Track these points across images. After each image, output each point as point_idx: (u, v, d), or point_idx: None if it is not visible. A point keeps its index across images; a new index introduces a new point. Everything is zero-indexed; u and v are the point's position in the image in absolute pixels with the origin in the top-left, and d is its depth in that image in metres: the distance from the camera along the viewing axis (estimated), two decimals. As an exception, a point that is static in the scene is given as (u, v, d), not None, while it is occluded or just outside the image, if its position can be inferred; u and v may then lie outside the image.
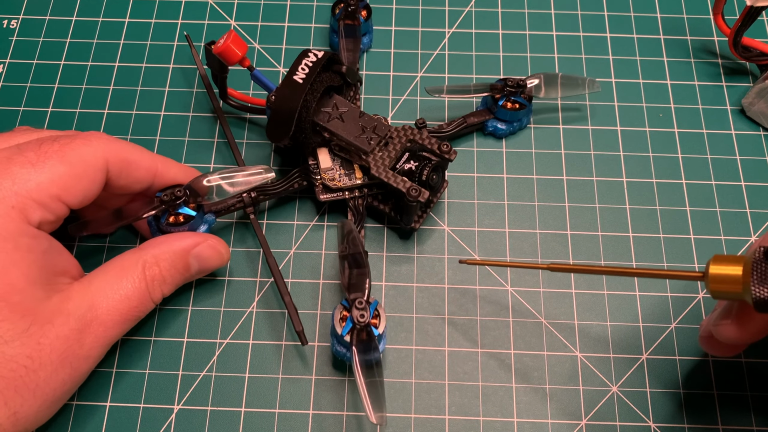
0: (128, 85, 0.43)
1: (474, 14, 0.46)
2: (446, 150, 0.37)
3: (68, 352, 0.30)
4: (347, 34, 0.42)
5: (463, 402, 0.35)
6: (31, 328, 0.29)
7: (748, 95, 0.42)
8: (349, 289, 0.34)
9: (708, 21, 0.46)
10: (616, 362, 0.36)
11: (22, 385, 0.28)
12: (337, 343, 0.34)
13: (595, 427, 0.35)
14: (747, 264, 0.26)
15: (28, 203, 0.30)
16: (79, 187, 0.31)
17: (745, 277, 0.26)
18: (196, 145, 0.41)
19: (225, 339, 0.37)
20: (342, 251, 0.35)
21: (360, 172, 0.38)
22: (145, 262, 0.33)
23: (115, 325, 0.31)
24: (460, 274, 0.38)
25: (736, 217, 0.40)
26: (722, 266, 0.27)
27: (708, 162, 0.41)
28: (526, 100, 0.40)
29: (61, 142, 0.31)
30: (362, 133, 0.37)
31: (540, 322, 0.37)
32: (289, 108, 0.35)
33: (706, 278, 0.27)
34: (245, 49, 0.37)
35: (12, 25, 0.46)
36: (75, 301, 0.30)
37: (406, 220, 0.38)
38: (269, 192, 0.38)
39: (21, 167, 0.30)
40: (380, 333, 0.33)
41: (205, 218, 0.37)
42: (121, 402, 0.35)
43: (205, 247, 0.35)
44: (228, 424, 0.35)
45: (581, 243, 0.39)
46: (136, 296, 0.32)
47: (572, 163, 0.41)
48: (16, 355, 0.28)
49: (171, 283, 0.34)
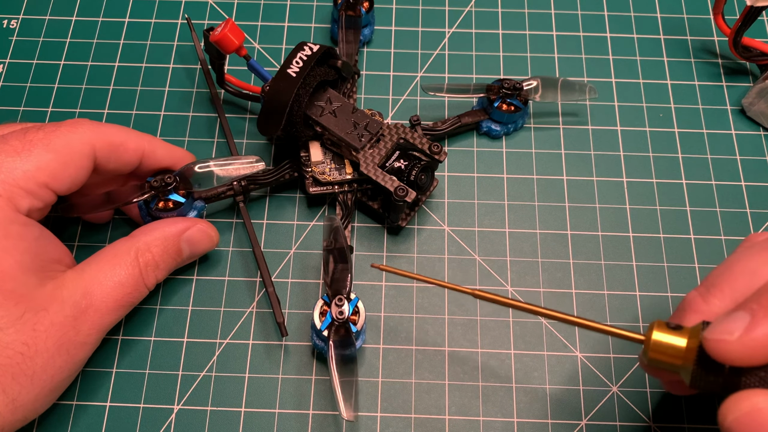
0: (128, 85, 0.43)
1: (474, 14, 0.46)
2: (436, 151, 0.37)
3: (64, 338, 0.30)
4: (348, 25, 0.42)
5: (463, 402, 0.35)
6: (26, 315, 0.29)
7: (748, 95, 0.42)
8: (332, 284, 0.34)
9: (708, 21, 0.46)
10: (616, 362, 0.36)
11: (19, 372, 0.28)
12: (315, 337, 0.34)
13: (595, 427, 0.35)
14: (692, 338, 0.25)
15: (15, 191, 0.30)
16: (66, 173, 0.31)
17: (687, 354, 0.25)
18: (196, 144, 0.41)
19: (225, 339, 0.37)
20: (327, 246, 0.35)
21: (350, 167, 0.38)
22: (138, 249, 0.33)
23: (110, 311, 0.32)
24: (460, 274, 0.38)
25: (736, 217, 0.40)
26: (665, 334, 0.26)
27: (708, 162, 0.41)
28: (521, 102, 0.40)
29: (45, 130, 0.31)
30: (354, 129, 0.37)
31: (540, 322, 0.37)
32: (280, 101, 0.35)
33: (647, 344, 0.26)
34: (242, 38, 0.37)
35: (12, 25, 0.46)
36: (69, 288, 0.31)
37: (393, 217, 0.38)
38: (259, 181, 0.38)
39: (6, 156, 0.30)
40: (358, 330, 0.34)
41: (195, 204, 0.37)
42: (121, 402, 0.35)
43: (195, 231, 0.35)
44: (228, 424, 0.35)
45: (581, 243, 0.39)
46: (130, 282, 0.32)
47: (572, 163, 0.41)
48: (11, 342, 0.28)
49: (164, 268, 0.34)
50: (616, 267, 0.38)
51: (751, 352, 0.23)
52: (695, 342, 0.25)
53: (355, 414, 0.32)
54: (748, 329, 0.23)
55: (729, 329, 0.24)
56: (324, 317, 0.34)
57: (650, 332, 0.26)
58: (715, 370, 0.24)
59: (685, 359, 0.25)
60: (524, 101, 0.41)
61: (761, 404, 0.23)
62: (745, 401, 0.23)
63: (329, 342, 0.33)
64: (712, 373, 0.25)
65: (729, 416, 0.24)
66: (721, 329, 0.24)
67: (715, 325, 0.24)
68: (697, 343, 0.25)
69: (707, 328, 0.25)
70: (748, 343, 0.23)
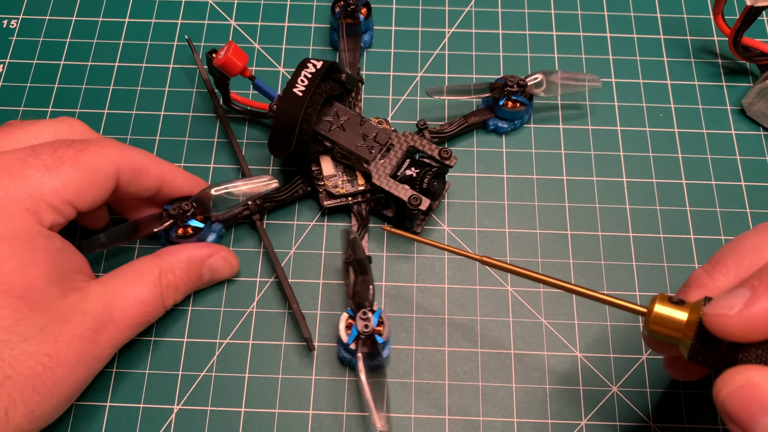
0: (128, 85, 0.43)
1: (474, 14, 0.46)
2: (446, 156, 0.37)
3: (84, 351, 0.30)
4: (348, 34, 0.42)
5: (463, 402, 0.35)
6: (49, 326, 0.29)
7: (748, 95, 0.42)
8: (354, 296, 0.34)
9: (708, 21, 0.46)
10: (616, 362, 0.36)
11: (39, 383, 0.29)
12: (342, 350, 0.35)
13: (595, 427, 0.35)
14: (693, 312, 0.26)
15: (41, 206, 0.30)
16: (89, 192, 0.32)
17: (687, 328, 0.25)
18: (195, 145, 0.41)
19: (225, 339, 0.37)
20: (346, 258, 0.35)
21: (362, 178, 0.38)
22: (162, 268, 0.34)
23: (128, 327, 0.32)
24: (460, 274, 0.38)
25: (736, 217, 0.40)
26: (667, 308, 0.26)
27: (708, 162, 0.41)
28: (526, 98, 0.40)
29: (75, 148, 0.32)
30: (363, 142, 0.37)
31: (540, 322, 0.37)
32: (289, 122, 0.35)
33: (648, 316, 0.26)
34: (246, 59, 0.37)
35: (12, 25, 0.46)
36: (91, 301, 0.31)
37: (408, 224, 0.38)
38: (275, 199, 0.38)
39: (36, 170, 0.30)
40: (384, 340, 0.34)
41: (213, 227, 0.38)
42: (121, 402, 0.35)
43: (218, 258, 0.36)
44: (228, 424, 0.35)
45: (581, 243, 0.39)
46: (150, 301, 0.33)
47: (572, 163, 0.41)
48: (34, 353, 0.28)
49: (183, 290, 0.35)
50: (616, 267, 0.38)
51: (749, 327, 0.24)
52: (696, 317, 0.25)
53: (387, 416, 0.32)
54: (748, 305, 0.24)
55: (729, 304, 0.24)
56: (350, 330, 0.34)
57: (652, 305, 0.26)
58: (713, 345, 0.25)
59: (685, 333, 0.26)
60: (529, 97, 0.41)
61: (756, 378, 0.23)
62: (739, 375, 0.24)
63: (358, 355, 0.33)
64: (710, 349, 0.25)
65: (723, 390, 0.24)
66: (722, 304, 0.24)
67: (716, 300, 0.25)
68: (698, 318, 0.25)
69: (708, 303, 0.25)
70: (747, 318, 0.24)
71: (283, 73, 0.44)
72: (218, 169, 0.41)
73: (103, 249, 0.36)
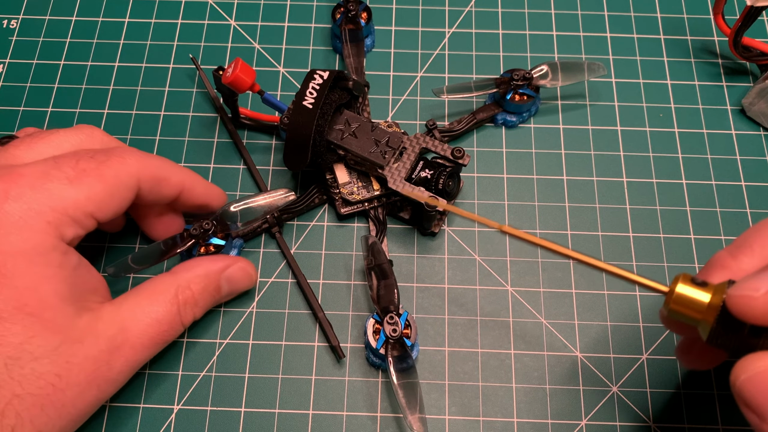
0: (128, 85, 0.43)
1: (474, 14, 0.46)
2: (459, 156, 0.37)
3: (96, 373, 0.30)
4: (350, 39, 0.42)
5: (463, 402, 0.35)
6: (61, 347, 0.28)
7: (748, 95, 0.42)
8: (379, 300, 0.34)
9: (708, 21, 0.46)
10: (616, 362, 0.36)
11: (48, 403, 0.28)
12: (372, 355, 0.35)
13: (595, 427, 0.35)
14: (716, 294, 0.25)
15: (63, 219, 0.30)
16: (111, 204, 0.31)
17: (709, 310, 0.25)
18: (195, 145, 0.41)
19: (225, 339, 0.37)
20: (368, 264, 0.35)
21: (377, 183, 0.38)
22: (179, 286, 0.33)
23: (145, 348, 0.32)
24: (460, 274, 0.38)
25: (736, 217, 0.40)
26: (690, 288, 0.26)
27: (708, 162, 0.41)
28: (533, 90, 0.41)
29: (97, 159, 0.31)
30: (376, 147, 0.37)
31: (540, 322, 0.37)
32: (302, 135, 0.35)
33: (670, 296, 0.26)
34: (254, 75, 0.37)
35: (12, 25, 0.46)
36: (105, 322, 0.30)
37: (426, 225, 0.38)
38: (292, 211, 0.38)
39: (59, 183, 0.30)
40: (412, 343, 0.34)
41: (234, 243, 0.38)
42: (121, 402, 0.35)
43: (236, 269, 0.35)
44: (228, 424, 0.35)
45: (581, 243, 0.39)
46: (167, 320, 0.32)
47: (572, 163, 0.41)
48: (44, 373, 0.28)
49: (202, 306, 0.34)
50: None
51: None
52: (719, 299, 0.25)
53: (425, 426, 0.32)
54: None
55: (755, 286, 0.23)
56: (378, 335, 0.34)
57: (674, 284, 0.26)
58: (734, 329, 0.24)
59: (706, 315, 0.25)
60: (535, 89, 0.41)
61: None
62: (759, 361, 0.23)
63: (388, 359, 0.33)
64: (731, 332, 0.25)
65: (741, 376, 0.24)
66: (747, 286, 0.24)
67: (742, 282, 0.24)
68: (721, 300, 0.25)
69: (733, 285, 0.24)
70: None
71: (283, 73, 0.44)
72: (218, 169, 0.41)
73: (129, 274, 0.36)
